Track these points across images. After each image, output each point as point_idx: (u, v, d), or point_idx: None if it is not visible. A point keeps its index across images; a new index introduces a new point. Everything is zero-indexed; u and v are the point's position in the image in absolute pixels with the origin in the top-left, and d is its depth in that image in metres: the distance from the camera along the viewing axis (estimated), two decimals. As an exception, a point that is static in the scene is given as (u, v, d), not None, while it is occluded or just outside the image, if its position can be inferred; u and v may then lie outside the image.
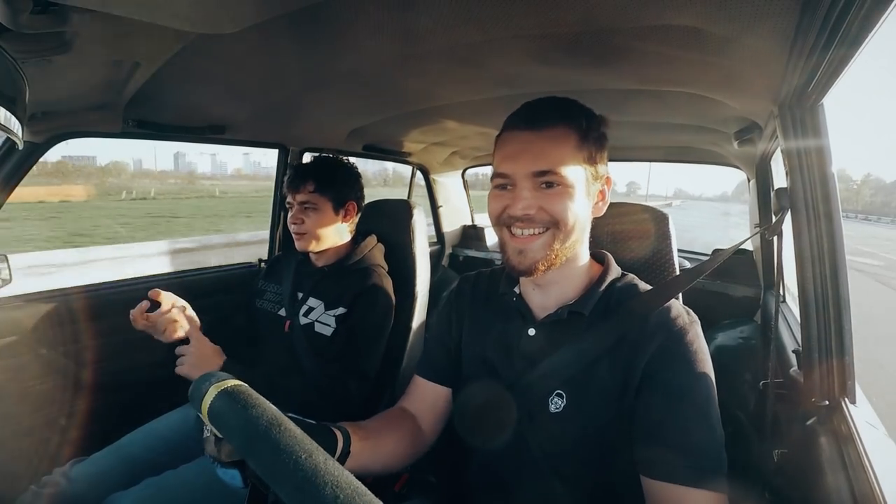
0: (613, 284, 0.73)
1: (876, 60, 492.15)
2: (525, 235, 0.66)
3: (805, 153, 0.76)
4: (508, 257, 0.69)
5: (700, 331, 0.67)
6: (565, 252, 0.67)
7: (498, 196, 0.68)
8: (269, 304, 1.27)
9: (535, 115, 0.67)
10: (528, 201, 0.65)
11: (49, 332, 1.24)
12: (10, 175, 1.09)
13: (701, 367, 0.63)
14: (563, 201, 0.64)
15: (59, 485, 0.94)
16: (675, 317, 0.66)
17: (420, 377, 0.85)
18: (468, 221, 2.86)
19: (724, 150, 1.64)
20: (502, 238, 0.70)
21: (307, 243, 1.20)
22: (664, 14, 0.64)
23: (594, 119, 0.69)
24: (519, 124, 0.67)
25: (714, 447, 0.60)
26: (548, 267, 0.67)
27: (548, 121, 0.66)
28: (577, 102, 0.69)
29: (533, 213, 0.65)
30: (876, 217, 72.35)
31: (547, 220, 0.65)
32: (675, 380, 0.62)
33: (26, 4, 0.54)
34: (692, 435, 0.60)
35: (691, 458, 0.59)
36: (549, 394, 0.68)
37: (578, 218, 0.66)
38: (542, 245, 0.66)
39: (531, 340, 0.73)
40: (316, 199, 1.19)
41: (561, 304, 0.72)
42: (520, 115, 0.68)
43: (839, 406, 0.70)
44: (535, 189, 0.65)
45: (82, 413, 1.31)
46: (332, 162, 1.26)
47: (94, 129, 1.16)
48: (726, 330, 1.68)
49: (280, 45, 0.83)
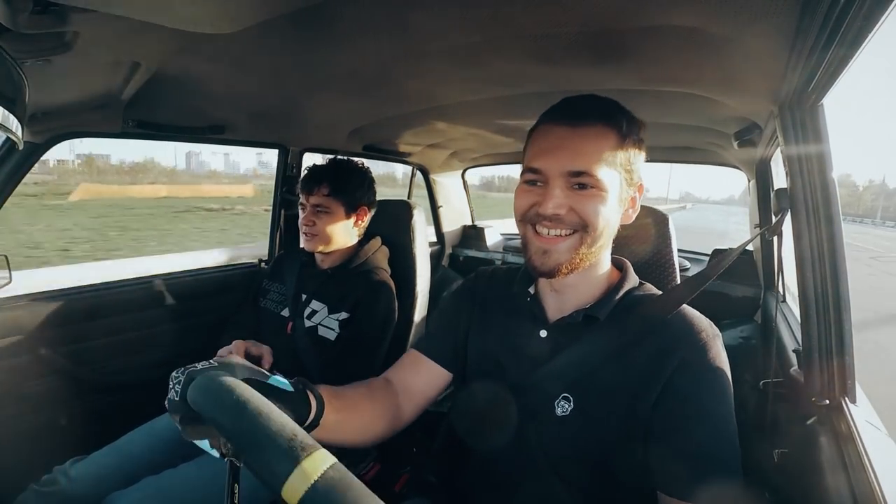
0: (630, 292, 0.71)
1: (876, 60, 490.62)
2: (551, 236, 0.64)
3: (805, 153, 0.76)
4: (531, 256, 0.66)
5: (722, 346, 0.64)
6: (590, 257, 0.65)
7: (527, 192, 0.66)
8: (272, 304, 1.27)
9: (575, 111, 0.64)
10: (559, 200, 0.62)
11: (49, 332, 1.24)
12: (10, 175, 1.08)
13: (723, 385, 0.61)
14: (595, 205, 0.62)
15: (59, 483, 0.94)
16: (699, 331, 0.64)
17: (419, 353, 0.82)
18: (468, 221, 2.86)
19: (724, 150, 1.64)
20: (526, 236, 0.67)
21: (316, 245, 1.20)
22: (664, 14, 0.64)
23: (634, 122, 0.67)
24: (557, 119, 0.64)
25: (733, 466, 0.59)
26: (571, 270, 0.65)
27: (588, 118, 0.63)
28: (618, 103, 0.66)
29: (563, 213, 0.62)
30: (870, 220, 73.91)
31: (576, 222, 0.63)
32: (697, 397, 0.60)
33: (26, 4, 0.54)
34: (712, 454, 0.59)
35: (710, 478, 0.58)
36: (556, 396, 0.67)
37: (608, 223, 0.64)
38: (569, 247, 0.64)
39: (542, 342, 0.71)
40: (329, 202, 1.19)
41: (577, 307, 0.70)
42: (559, 109, 0.65)
43: (839, 406, 0.70)
44: (567, 188, 0.62)
45: (82, 412, 1.31)
46: (347, 166, 1.25)
47: (94, 129, 1.16)
48: (726, 330, 1.68)
49: (280, 45, 0.83)
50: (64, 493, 0.93)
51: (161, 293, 1.49)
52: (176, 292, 1.53)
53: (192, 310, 1.55)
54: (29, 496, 0.93)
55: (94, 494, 0.91)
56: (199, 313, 1.57)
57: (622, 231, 0.90)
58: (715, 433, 0.60)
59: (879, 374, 3.77)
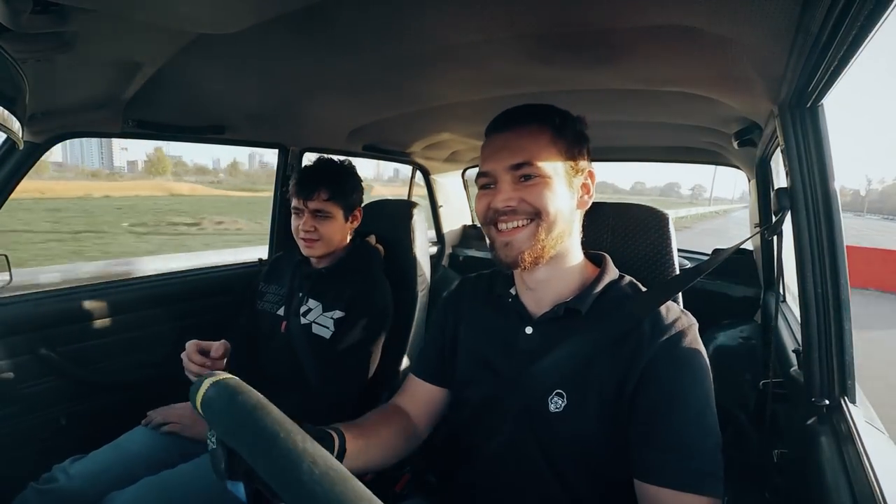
0: (611, 285, 0.73)
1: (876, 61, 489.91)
2: (509, 228, 0.68)
3: (805, 153, 0.76)
4: (496, 252, 0.71)
5: (697, 334, 0.67)
6: (552, 243, 0.68)
7: (482, 196, 0.71)
8: (268, 305, 1.27)
9: (510, 117, 0.71)
10: (508, 194, 0.67)
11: (49, 331, 1.24)
12: (10, 175, 1.08)
13: (698, 371, 0.63)
14: (542, 192, 0.67)
15: (58, 482, 0.94)
16: (673, 319, 0.67)
17: (414, 376, 0.87)
18: (468, 221, 2.86)
19: (724, 150, 1.65)
20: (490, 236, 0.72)
21: (318, 250, 1.19)
22: (664, 14, 0.64)
23: (569, 117, 0.72)
24: (498, 128, 0.71)
25: (710, 451, 0.60)
26: (535, 259, 0.68)
27: (522, 120, 0.70)
28: (552, 106, 0.72)
29: (514, 204, 0.67)
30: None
31: (529, 210, 0.67)
32: (672, 383, 0.62)
33: (26, 4, 0.54)
34: (687, 439, 0.60)
35: (686, 463, 0.59)
36: (549, 392, 0.68)
37: (561, 209, 0.68)
38: (527, 236, 0.68)
39: (529, 339, 0.73)
40: (330, 207, 1.17)
41: (555, 302, 0.73)
42: (497, 120, 0.72)
43: (839, 406, 0.70)
44: (514, 182, 0.68)
45: (82, 411, 1.31)
46: (341, 168, 1.24)
47: (95, 129, 1.16)
48: (726, 330, 1.68)
49: (280, 46, 0.83)
50: (63, 492, 0.93)
51: (161, 293, 1.49)
52: (176, 292, 1.53)
53: (191, 310, 1.55)
54: (28, 495, 0.93)
55: (94, 493, 0.91)
56: (199, 313, 1.57)
57: (622, 229, 0.90)
58: (691, 418, 0.61)
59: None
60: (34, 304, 1.24)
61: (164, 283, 1.53)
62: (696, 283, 0.75)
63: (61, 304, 1.28)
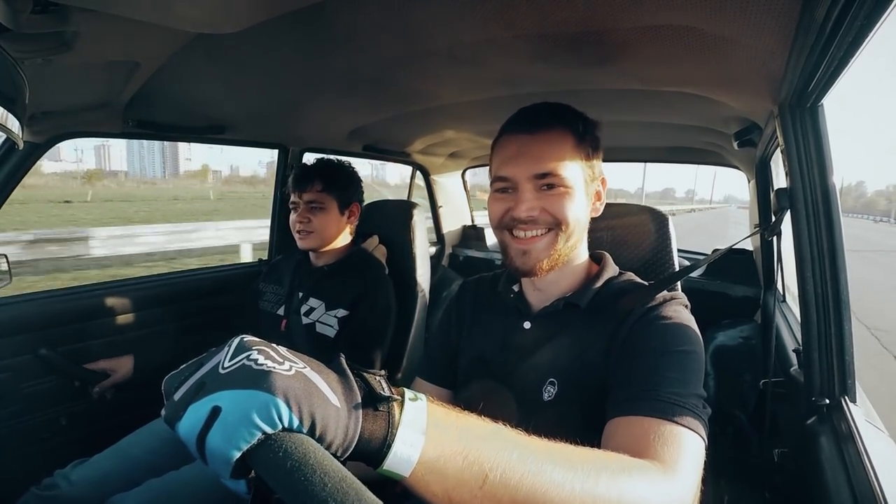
0: (610, 281, 0.74)
1: (876, 60, 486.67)
2: (528, 237, 0.67)
3: (805, 153, 0.76)
4: (511, 259, 0.70)
5: (681, 308, 0.66)
6: (567, 252, 0.69)
7: (499, 199, 0.69)
8: (268, 305, 1.27)
9: (532, 118, 0.68)
10: (531, 203, 0.66)
11: (49, 332, 1.24)
12: (10, 175, 1.08)
13: (676, 328, 0.62)
14: (564, 202, 0.66)
15: (60, 487, 0.94)
16: (659, 299, 0.67)
17: (421, 379, 0.86)
18: (468, 221, 2.86)
19: (724, 150, 1.64)
20: (504, 241, 0.70)
21: (312, 242, 1.20)
22: (664, 14, 0.64)
23: (589, 122, 0.71)
24: (516, 128, 0.69)
25: (685, 388, 0.55)
26: (551, 267, 0.68)
27: (544, 124, 0.67)
28: (572, 107, 0.71)
29: (536, 214, 0.66)
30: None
31: (550, 221, 0.66)
32: (648, 340, 0.61)
33: (26, 4, 0.54)
34: (660, 376, 0.56)
35: (654, 393, 0.54)
36: (542, 382, 0.68)
37: (579, 218, 0.68)
38: (546, 245, 0.67)
39: (525, 333, 0.74)
40: (323, 198, 1.19)
41: (558, 297, 0.73)
42: (516, 119, 0.70)
43: (839, 405, 0.70)
44: (536, 191, 0.66)
45: (83, 414, 1.31)
46: (335, 164, 1.27)
47: (94, 129, 1.16)
48: (726, 330, 1.68)
49: (280, 45, 0.83)
50: (65, 497, 0.92)
51: (161, 293, 1.49)
52: (176, 292, 1.53)
53: (192, 310, 1.55)
54: (30, 500, 0.93)
55: (96, 497, 0.91)
56: (199, 313, 1.57)
57: (622, 230, 0.90)
58: (666, 363, 0.57)
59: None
60: (34, 304, 1.23)
61: (164, 283, 1.53)
62: (696, 284, 0.75)
63: (62, 304, 1.28)
